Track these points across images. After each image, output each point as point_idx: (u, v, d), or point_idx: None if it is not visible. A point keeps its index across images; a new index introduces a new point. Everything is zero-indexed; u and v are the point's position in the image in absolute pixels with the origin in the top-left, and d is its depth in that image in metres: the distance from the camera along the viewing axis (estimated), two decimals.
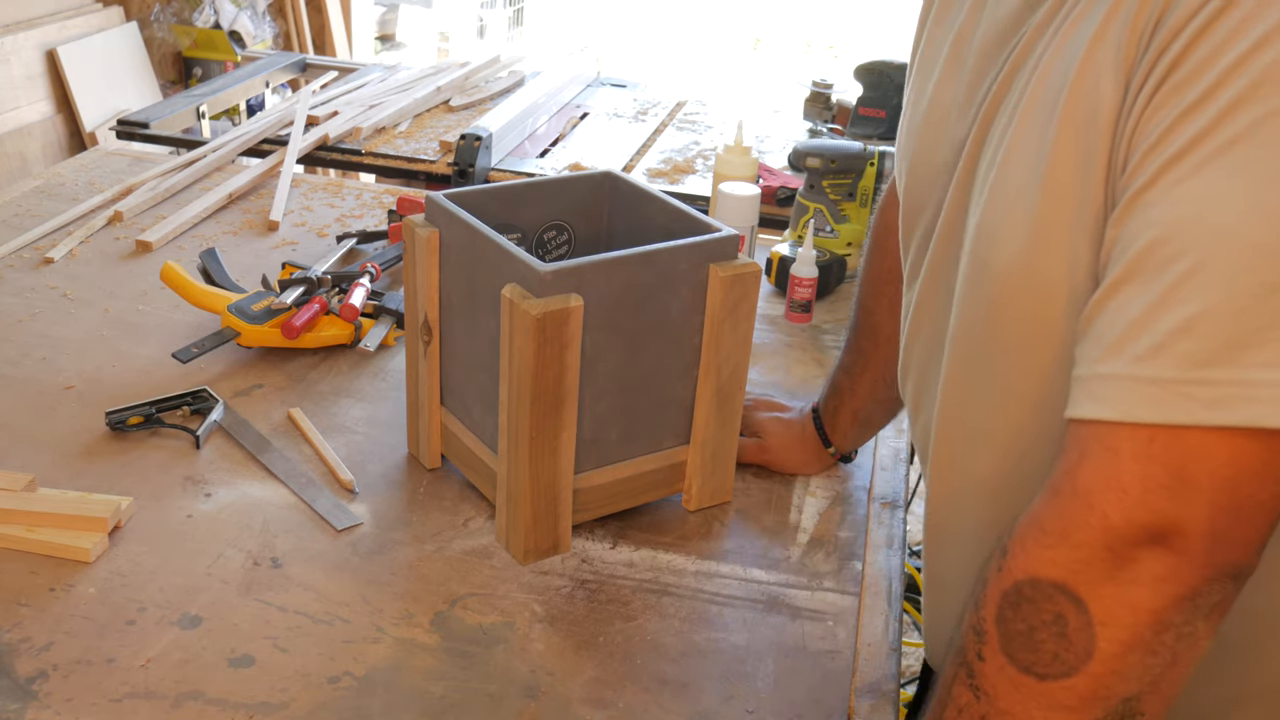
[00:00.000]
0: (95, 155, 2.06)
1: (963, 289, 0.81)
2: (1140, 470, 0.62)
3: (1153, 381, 0.62)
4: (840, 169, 1.66)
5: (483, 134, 2.08)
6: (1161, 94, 0.64)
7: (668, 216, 1.12)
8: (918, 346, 0.93)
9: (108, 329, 1.43)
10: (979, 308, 0.79)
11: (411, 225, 1.10)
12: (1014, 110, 0.75)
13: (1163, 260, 0.62)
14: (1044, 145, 0.71)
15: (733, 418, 1.13)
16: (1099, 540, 0.63)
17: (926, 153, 0.87)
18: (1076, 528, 0.64)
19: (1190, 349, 0.61)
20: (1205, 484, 0.61)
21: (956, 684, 0.71)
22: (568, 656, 0.96)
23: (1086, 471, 0.64)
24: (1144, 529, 0.63)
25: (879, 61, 2.21)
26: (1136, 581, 0.63)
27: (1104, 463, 0.63)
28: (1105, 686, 0.65)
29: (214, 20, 3.86)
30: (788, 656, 0.98)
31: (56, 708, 0.87)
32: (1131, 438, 0.62)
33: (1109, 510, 0.63)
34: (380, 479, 1.17)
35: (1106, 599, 0.64)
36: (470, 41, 5.90)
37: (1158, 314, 0.62)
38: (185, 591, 1.00)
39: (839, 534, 1.14)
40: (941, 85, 0.86)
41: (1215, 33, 0.61)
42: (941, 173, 0.85)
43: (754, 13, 8.55)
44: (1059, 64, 0.71)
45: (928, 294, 0.89)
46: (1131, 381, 0.62)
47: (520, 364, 0.97)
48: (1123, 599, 0.64)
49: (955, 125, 0.83)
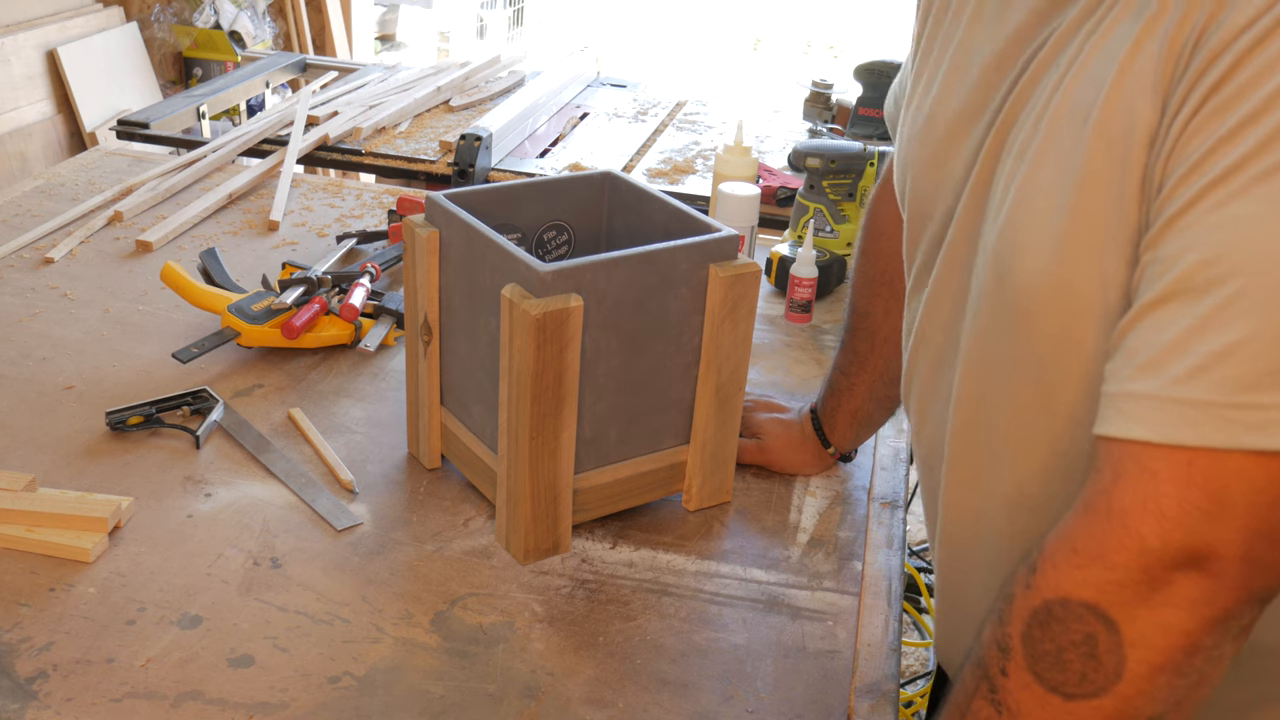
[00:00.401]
0: (95, 155, 2.06)
1: (980, 301, 0.81)
2: (1178, 493, 0.62)
3: (1193, 404, 0.61)
4: (840, 169, 1.66)
5: (483, 134, 2.08)
6: (1202, 116, 0.63)
7: (667, 216, 1.12)
8: (923, 355, 0.92)
9: (108, 329, 1.43)
10: (1000, 320, 0.79)
11: (411, 225, 1.10)
12: (1038, 122, 0.74)
13: (1204, 283, 0.62)
14: (1075, 159, 0.70)
15: (733, 418, 1.13)
16: (1134, 562, 0.63)
17: (932, 162, 0.87)
18: (1111, 549, 0.64)
19: (1232, 373, 0.60)
20: (1242, 508, 0.61)
21: (977, 697, 0.70)
22: (568, 656, 0.96)
23: (1123, 492, 0.64)
24: (1180, 552, 0.62)
25: (879, 61, 2.21)
26: (1170, 604, 0.63)
27: (1141, 484, 0.63)
28: (1132, 707, 0.64)
29: (214, 20, 3.86)
30: (788, 656, 0.98)
31: (56, 708, 0.87)
32: (1170, 460, 0.62)
33: (1146, 532, 0.63)
34: (380, 479, 1.17)
35: (1139, 621, 0.64)
36: (470, 41, 5.90)
37: (1198, 336, 0.61)
38: (185, 591, 1.00)
39: (839, 534, 1.14)
40: (943, 97, 0.86)
41: (1261, 55, 0.61)
42: (950, 182, 0.85)
43: (754, 13, 8.55)
44: (1090, 78, 0.70)
45: (935, 303, 0.89)
46: (1170, 403, 0.62)
47: (520, 364, 0.97)
48: (1156, 621, 0.63)
49: (964, 135, 0.83)
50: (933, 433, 0.92)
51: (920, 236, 0.91)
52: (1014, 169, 0.76)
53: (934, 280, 0.88)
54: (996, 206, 0.78)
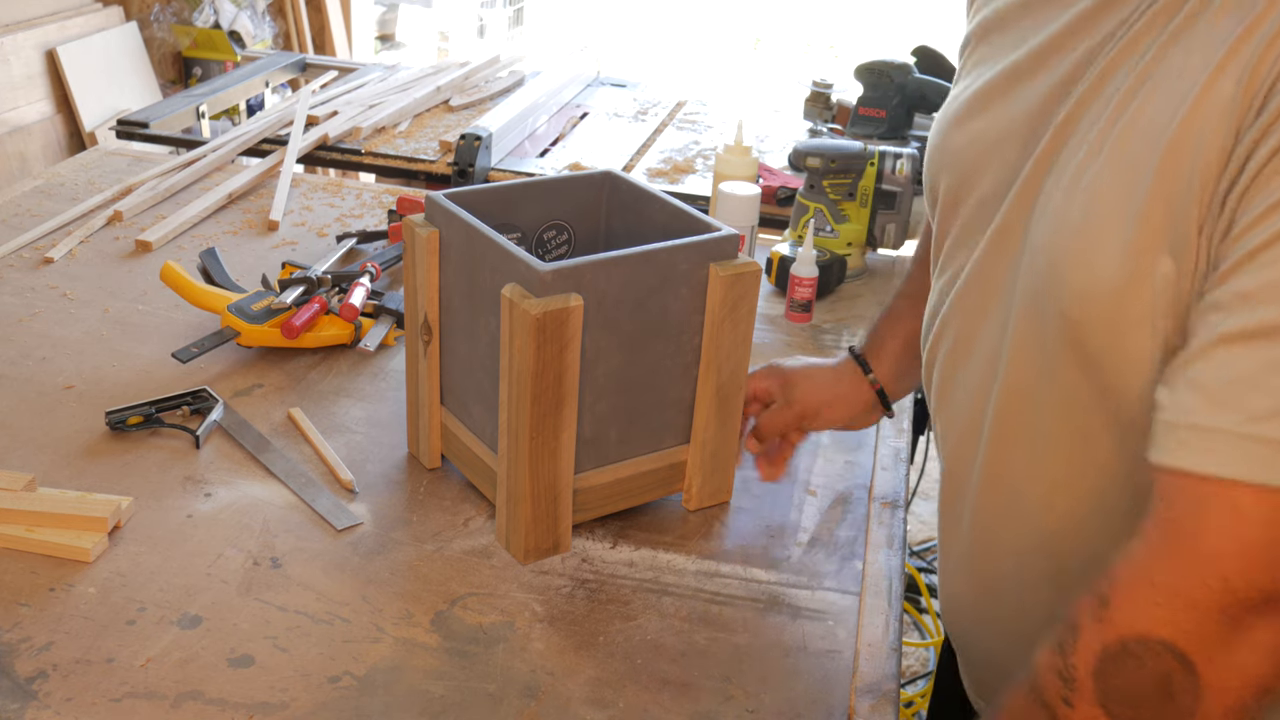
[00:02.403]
0: (95, 155, 2.06)
1: (1027, 300, 0.80)
2: (1266, 535, 0.62)
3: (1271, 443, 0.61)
4: (840, 169, 1.66)
5: (483, 134, 2.08)
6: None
7: (667, 216, 1.12)
8: (948, 337, 0.92)
9: (108, 329, 1.43)
10: (1050, 321, 0.78)
11: (411, 225, 1.10)
12: (1108, 130, 0.73)
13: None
14: (1144, 181, 0.70)
15: (733, 417, 1.13)
16: (1216, 603, 0.63)
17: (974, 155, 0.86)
18: (1194, 587, 0.63)
19: None
20: None
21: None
22: (568, 656, 0.96)
23: (1209, 531, 0.63)
24: (1261, 594, 0.62)
25: (879, 61, 2.20)
26: (1249, 647, 0.63)
27: (1230, 524, 0.63)
28: None
29: (214, 20, 3.86)
30: (788, 656, 0.98)
31: (56, 708, 0.87)
32: (1259, 501, 0.62)
33: (1230, 573, 0.62)
34: (380, 479, 1.17)
35: (1217, 664, 0.63)
36: (470, 41, 5.90)
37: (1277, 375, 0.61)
38: (185, 591, 1.00)
39: (839, 534, 1.14)
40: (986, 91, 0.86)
41: None
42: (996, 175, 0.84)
43: (754, 13, 8.55)
44: (1165, 102, 0.70)
45: (970, 290, 0.88)
46: (1248, 440, 0.62)
47: (520, 364, 0.97)
48: (1233, 665, 0.63)
49: (1010, 135, 0.82)
50: (954, 415, 0.92)
51: (953, 220, 0.90)
52: (1077, 175, 0.75)
53: (972, 268, 0.88)
54: (1044, 208, 0.78)
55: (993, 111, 0.85)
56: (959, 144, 0.88)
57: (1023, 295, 0.81)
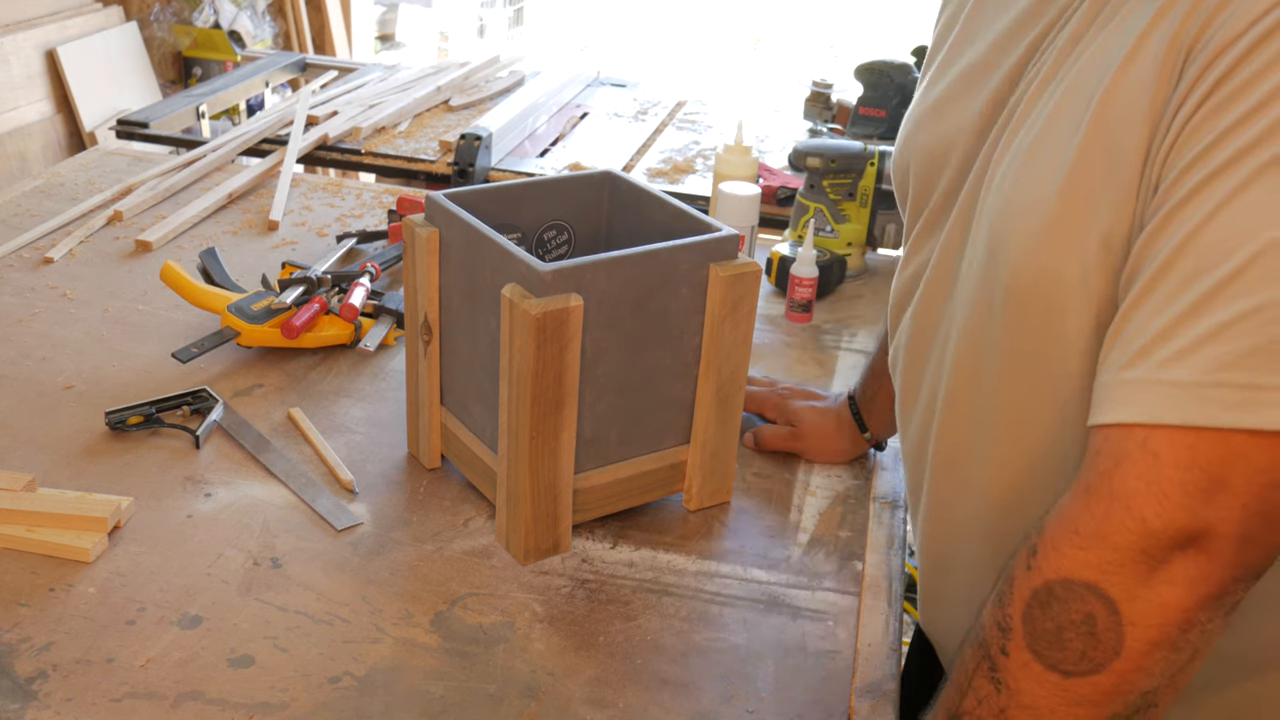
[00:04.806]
0: (95, 155, 2.06)
1: (977, 279, 0.82)
2: (1181, 475, 0.63)
3: (1176, 384, 0.63)
4: (840, 169, 1.66)
5: (483, 134, 2.08)
6: (1202, 114, 0.64)
7: (668, 216, 1.12)
8: (906, 329, 0.95)
9: (108, 329, 1.43)
10: (996, 297, 0.80)
11: (411, 225, 1.10)
12: (1043, 112, 0.76)
13: (1194, 271, 0.63)
14: (1069, 150, 0.72)
15: (733, 417, 1.13)
16: (1136, 543, 0.64)
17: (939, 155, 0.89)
18: (1114, 530, 0.65)
19: (1216, 352, 0.62)
20: (1241, 488, 0.62)
21: (978, 675, 0.72)
22: (568, 656, 0.96)
23: (1125, 475, 0.65)
24: (1180, 532, 0.63)
25: (879, 61, 2.20)
26: (1169, 583, 0.64)
27: (1145, 467, 0.64)
28: (1128, 683, 0.66)
29: (214, 20, 3.86)
30: (788, 656, 0.98)
31: (56, 708, 0.87)
32: (1173, 442, 0.63)
33: (1148, 514, 0.64)
34: (380, 479, 1.17)
35: (1138, 600, 0.65)
36: (470, 41, 5.90)
37: (1187, 321, 0.63)
38: (185, 591, 1.00)
39: (839, 534, 1.14)
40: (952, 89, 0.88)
41: (1261, 54, 0.62)
42: (956, 167, 0.87)
43: (754, 13, 8.55)
44: (1091, 74, 0.72)
45: (932, 282, 0.91)
46: (1158, 385, 0.64)
47: (520, 364, 0.97)
48: (1154, 600, 0.65)
49: (970, 124, 0.85)
50: (915, 402, 0.94)
51: (920, 211, 0.93)
52: (1016, 153, 0.78)
53: (935, 260, 0.90)
54: (995, 186, 0.80)
55: (953, 109, 0.88)
56: (924, 143, 0.91)
57: (974, 275, 0.83)
